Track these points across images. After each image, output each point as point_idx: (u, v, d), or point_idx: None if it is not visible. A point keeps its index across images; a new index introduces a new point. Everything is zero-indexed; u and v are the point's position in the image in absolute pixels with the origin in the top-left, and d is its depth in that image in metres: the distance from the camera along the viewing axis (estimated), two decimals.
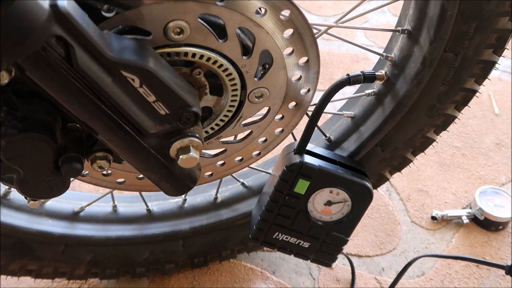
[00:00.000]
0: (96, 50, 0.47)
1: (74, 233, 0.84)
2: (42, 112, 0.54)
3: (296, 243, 0.84)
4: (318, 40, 0.63)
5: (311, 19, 1.53)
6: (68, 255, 0.86)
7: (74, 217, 0.85)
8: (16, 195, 0.81)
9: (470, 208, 1.20)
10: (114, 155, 0.60)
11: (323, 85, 1.52)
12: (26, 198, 0.64)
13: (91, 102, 0.50)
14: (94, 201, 0.86)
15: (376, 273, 1.08)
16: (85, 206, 0.86)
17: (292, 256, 0.87)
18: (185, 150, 0.57)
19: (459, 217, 1.18)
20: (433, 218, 1.19)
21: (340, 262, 1.08)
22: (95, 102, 0.51)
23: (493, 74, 1.64)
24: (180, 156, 0.57)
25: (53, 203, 0.84)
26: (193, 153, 0.57)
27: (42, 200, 0.72)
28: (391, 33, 0.80)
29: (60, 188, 0.59)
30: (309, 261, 0.87)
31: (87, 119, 0.52)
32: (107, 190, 0.85)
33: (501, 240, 1.15)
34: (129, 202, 0.90)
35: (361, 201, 0.80)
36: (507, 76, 1.65)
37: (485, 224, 1.17)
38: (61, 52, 0.46)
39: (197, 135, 0.58)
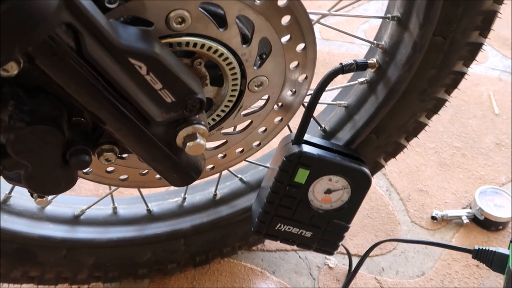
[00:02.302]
0: (104, 38, 0.48)
1: (75, 236, 0.84)
2: (48, 106, 0.54)
3: (299, 233, 0.85)
4: (318, 40, 0.65)
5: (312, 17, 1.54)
6: (70, 259, 0.85)
7: (74, 220, 0.85)
8: (16, 201, 0.80)
9: (470, 208, 1.20)
10: (120, 147, 0.61)
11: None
12: (32, 196, 0.64)
13: (100, 91, 0.51)
14: (94, 203, 0.86)
15: (376, 273, 1.08)
16: (85, 209, 0.86)
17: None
18: (191, 137, 0.58)
19: (459, 217, 1.18)
20: (433, 218, 1.18)
21: (340, 262, 1.08)
22: (104, 91, 0.51)
23: (493, 74, 1.66)
24: (187, 144, 0.58)
25: (53, 208, 0.84)
26: (200, 140, 0.58)
27: (48, 198, 0.72)
28: None
29: (68, 182, 0.59)
30: (311, 250, 0.88)
31: (96, 108, 0.53)
32: (107, 191, 0.85)
33: (501, 240, 1.16)
34: (129, 204, 0.90)
35: (360, 187, 0.81)
36: (507, 76, 1.66)
37: (485, 224, 1.17)
38: (70, 39, 0.47)
39: (203, 122, 0.59)
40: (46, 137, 0.53)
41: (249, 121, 0.72)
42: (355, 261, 1.08)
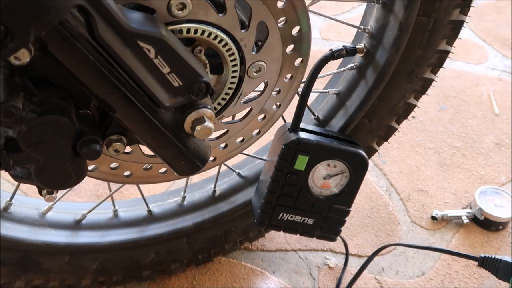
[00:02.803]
0: (115, 21, 0.49)
1: (78, 241, 0.83)
2: (57, 97, 0.55)
3: (301, 221, 0.86)
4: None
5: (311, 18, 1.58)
6: (74, 265, 0.84)
7: (76, 225, 0.84)
8: (17, 208, 0.79)
9: (470, 208, 1.20)
10: (128, 137, 0.61)
11: (323, 84, 1.54)
12: (41, 194, 0.64)
13: (111, 76, 0.52)
14: (95, 207, 0.85)
15: (376, 273, 1.08)
16: (87, 214, 0.85)
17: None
18: (200, 121, 0.59)
19: (459, 217, 1.18)
20: (433, 218, 1.18)
21: (340, 262, 1.08)
22: (115, 76, 0.52)
23: (493, 74, 1.66)
24: (196, 127, 0.59)
25: (54, 214, 0.83)
26: (208, 123, 0.59)
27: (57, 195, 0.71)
28: None
29: (79, 175, 0.59)
30: (314, 238, 0.89)
31: (107, 94, 0.53)
32: (107, 193, 0.85)
33: (501, 240, 1.16)
34: (129, 206, 0.90)
35: (358, 170, 0.83)
36: (507, 76, 1.67)
37: (485, 224, 1.17)
38: (82, 23, 0.48)
39: (209, 106, 0.60)
40: (58, 127, 0.54)
41: (249, 108, 0.73)
42: (355, 261, 1.09)
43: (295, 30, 0.67)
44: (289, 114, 0.80)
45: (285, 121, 0.88)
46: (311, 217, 0.86)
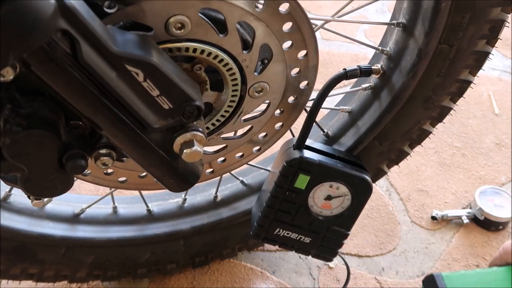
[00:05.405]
0: (101, 44, 0.48)
1: (75, 235, 0.84)
2: (45, 110, 0.54)
3: (297, 238, 0.84)
4: (318, 40, 0.64)
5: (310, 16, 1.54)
6: (69, 258, 0.85)
7: (74, 219, 0.85)
8: (16, 198, 0.80)
9: (470, 208, 1.20)
10: (117, 151, 0.60)
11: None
12: (29, 198, 0.64)
13: (95, 97, 0.51)
14: (94, 202, 0.86)
15: (376, 273, 1.08)
16: (85, 208, 0.86)
17: (293, 255, 0.86)
18: (188, 144, 0.58)
19: (459, 217, 1.18)
20: (433, 218, 1.18)
21: (340, 262, 1.08)
22: (100, 97, 0.51)
23: (493, 74, 1.65)
24: (184, 151, 0.58)
25: (53, 206, 0.84)
26: (197, 147, 0.58)
27: (45, 199, 0.72)
28: None
29: (65, 185, 0.59)
30: (310, 256, 0.87)
31: (92, 114, 0.52)
32: (107, 191, 0.85)
33: (501, 240, 1.15)
34: (129, 203, 0.90)
35: (360, 195, 0.81)
36: (507, 76, 1.65)
37: (485, 224, 1.16)
38: (66, 46, 0.46)
39: (200, 129, 0.58)
40: (42, 141, 0.53)
41: (250, 126, 0.72)
42: (355, 261, 1.09)
43: (301, 54, 0.64)
44: (299, 125, 0.77)
45: (293, 135, 0.86)
46: (308, 236, 0.84)
